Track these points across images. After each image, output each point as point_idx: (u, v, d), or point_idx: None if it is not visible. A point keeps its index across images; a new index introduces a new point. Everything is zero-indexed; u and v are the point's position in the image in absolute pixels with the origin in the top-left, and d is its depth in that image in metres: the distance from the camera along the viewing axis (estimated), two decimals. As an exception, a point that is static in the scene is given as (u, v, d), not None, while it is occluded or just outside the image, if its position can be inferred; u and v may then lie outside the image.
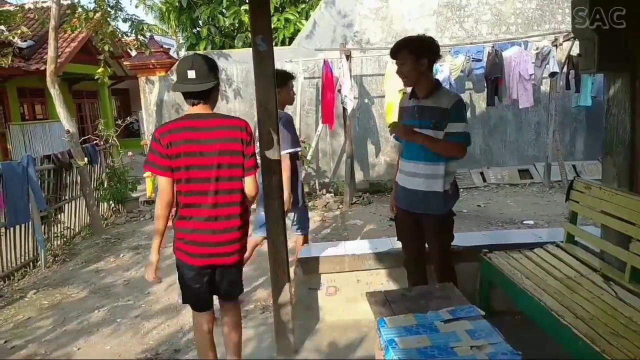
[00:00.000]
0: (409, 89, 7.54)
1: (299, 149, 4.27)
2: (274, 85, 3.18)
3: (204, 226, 2.71)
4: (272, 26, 9.69)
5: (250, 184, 2.78)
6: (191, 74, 2.69)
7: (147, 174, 8.89)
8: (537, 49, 7.80)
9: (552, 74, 7.81)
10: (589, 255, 3.27)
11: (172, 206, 2.78)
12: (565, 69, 7.96)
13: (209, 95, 2.78)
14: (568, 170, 8.47)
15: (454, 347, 2.19)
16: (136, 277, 5.33)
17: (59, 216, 6.86)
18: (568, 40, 7.55)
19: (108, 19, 8.28)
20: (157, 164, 2.68)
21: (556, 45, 7.69)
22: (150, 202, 8.83)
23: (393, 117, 7.78)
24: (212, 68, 2.77)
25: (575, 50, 7.42)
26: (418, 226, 3.30)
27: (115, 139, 8.82)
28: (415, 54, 3.08)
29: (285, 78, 4.32)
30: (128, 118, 9.57)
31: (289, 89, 4.38)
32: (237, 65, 8.87)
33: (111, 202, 8.24)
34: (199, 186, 2.67)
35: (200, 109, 2.77)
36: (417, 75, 3.13)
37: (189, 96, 2.75)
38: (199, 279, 2.86)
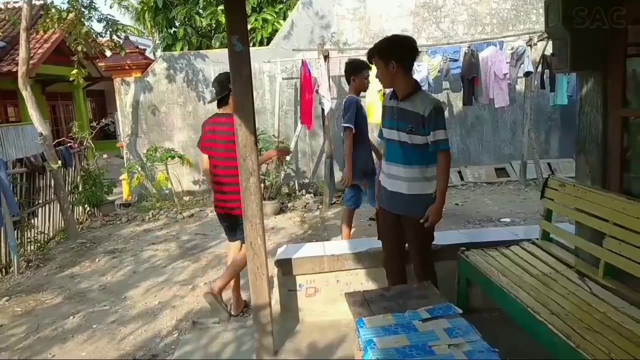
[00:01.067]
0: (387, 90, 7.57)
1: (352, 125, 4.68)
2: (251, 86, 3.15)
3: (218, 188, 4.00)
4: (250, 26, 9.67)
5: None
6: (213, 86, 4.13)
7: (123, 176, 8.78)
8: (512, 49, 7.93)
9: (527, 74, 7.93)
10: (564, 252, 3.32)
11: (210, 173, 4.08)
12: (539, 69, 8.08)
13: (222, 101, 4.02)
14: (543, 168, 8.61)
15: (432, 346, 2.20)
16: (112, 282, 5.25)
17: (33, 221, 6.72)
18: (542, 40, 7.67)
19: (82, 19, 8.15)
20: (201, 144, 4.08)
21: (531, 45, 7.82)
22: (127, 205, 8.71)
23: (374, 117, 7.82)
24: (221, 83, 3.98)
25: (550, 50, 7.54)
26: (399, 225, 3.33)
27: (90, 141, 8.68)
28: (384, 58, 3.07)
29: (361, 67, 4.89)
30: (103, 120, 9.42)
31: (363, 77, 4.89)
32: (214, 66, 8.80)
33: (86, 205, 8.10)
34: (215, 161, 3.98)
35: (221, 110, 4.03)
36: (390, 78, 3.13)
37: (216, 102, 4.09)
38: (222, 222, 4.18)
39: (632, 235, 2.59)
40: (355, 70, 4.90)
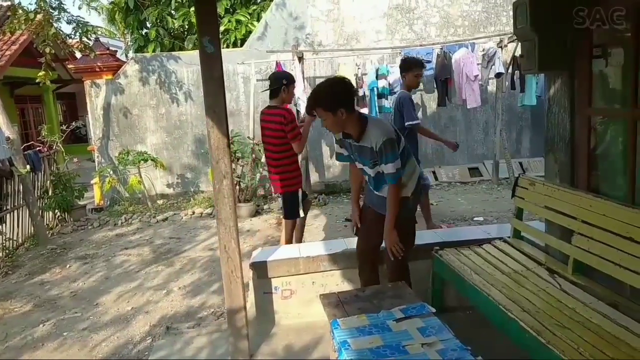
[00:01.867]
0: (361, 91, 7.61)
1: (417, 121, 5.29)
2: (223, 87, 3.12)
3: (269, 170, 4.76)
4: (223, 28, 9.61)
5: (294, 146, 4.45)
6: (269, 78, 4.73)
7: (95, 180, 8.63)
8: (483, 50, 8.03)
9: (498, 75, 8.05)
10: (535, 250, 3.38)
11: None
12: (510, 70, 8.21)
13: (273, 94, 4.54)
14: (515, 167, 8.75)
15: (406, 345, 2.21)
16: (84, 288, 5.15)
17: (0, 227, 6.55)
18: (512, 41, 7.79)
19: (50, 21, 7.98)
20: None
21: (501, 47, 7.94)
22: (99, 210, 8.56)
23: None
24: (276, 79, 4.59)
25: (520, 51, 7.68)
26: (379, 223, 3.32)
27: (60, 145, 8.51)
28: (331, 109, 2.98)
29: (412, 65, 5.28)
30: (73, 123, 9.26)
31: (413, 75, 5.25)
32: (187, 68, 8.72)
33: (57, 210, 7.93)
34: (266, 148, 4.66)
35: (271, 102, 4.58)
36: (341, 125, 3.09)
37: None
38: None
39: (599, 232, 2.66)
40: (406, 68, 5.32)
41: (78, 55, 10.37)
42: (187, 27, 10.21)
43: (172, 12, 10.08)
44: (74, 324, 4.31)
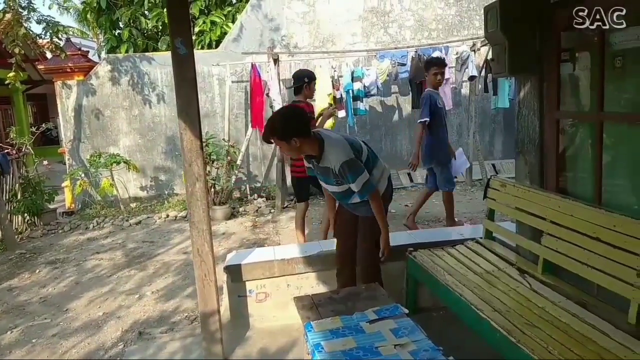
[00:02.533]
0: (337, 93, 7.77)
1: (426, 119, 5.57)
2: (196, 89, 3.10)
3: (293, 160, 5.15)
4: (198, 29, 9.55)
5: None
6: (293, 77, 5.26)
7: (66, 183, 8.46)
8: (457, 53, 8.14)
9: (471, 78, 8.17)
10: (506, 250, 3.44)
11: None
12: (483, 73, 8.34)
13: (297, 91, 5.11)
14: (488, 169, 8.89)
15: (379, 346, 2.22)
16: (53, 294, 5.05)
17: (-33, 231, 6.38)
18: (485, 45, 7.92)
19: (20, 21, 7.81)
20: None
21: (474, 50, 8.06)
22: (70, 213, 8.40)
23: (323, 121, 7.86)
24: (299, 77, 5.14)
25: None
26: (355, 223, 3.40)
27: (30, 147, 8.32)
28: (284, 139, 3.00)
29: (430, 65, 5.69)
30: (43, 125, 9.06)
31: (431, 74, 5.61)
32: (161, 69, 8.63)
33: (26, 214, 7.75)
34: None
35: (296, 98, 5.13)
36: (298, 151, 3.12)
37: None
38: (296, 186, 5.26)
39: (567, 233, 2.72)
40: (426, 68, 5.78)
41: (49, 55, 10.17)
42: (160, 27, 10.11)
43: (146, 12, 9.98)
44: (43, 330, 4.22)
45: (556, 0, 2.89)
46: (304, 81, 5.11)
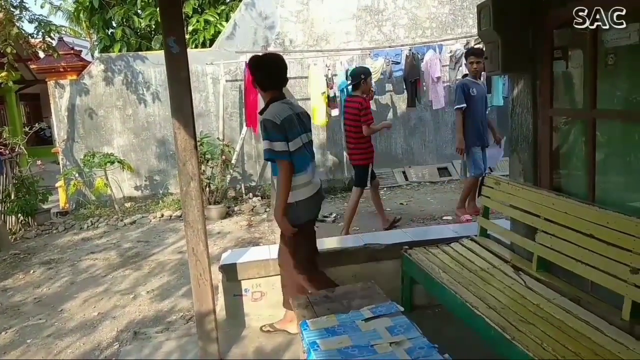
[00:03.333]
0: (331, 92, 7.99)
1: (462, 105, 6.05)
2: (189, 88, 3.09)
3: (348, 146, 5.98)
4: (192, 28, 9.51)
5: (363, 129, 5.63)
6: (351, 74, 6.11)
7: (59, 183, 8.42)
8: (450, 52, 8.15)
9: (465, 75, 8.16)
10: (501, 247, 3.45)
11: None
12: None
13: (355, 87, 5.83)
14: (483, 167, 8.87)
15: (374, 345, 2.23)
16: (48, 294, 5.03)
17: (-40, 232, 6.34)
18: (479, 43, 7.92)
19: (12, 20, 7.75)
20: None
21: (468, 48, 8.03)
22: (64, 213, 8.37)
23: (318, 119, 7.87)
24: (357, 74, 5.80)
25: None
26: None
27: (23, 147, 8.28)
28: (254, 78, 3.27)
29: (467, 54, 6.48)
30: (37, 125, 9.01)
31: (469, 62, 6.24)
32: (154, 68, 8.60)
33: (20, 214, 7.72)
34: (346, 127, 5.89)
35: (353, 93, 5.86)
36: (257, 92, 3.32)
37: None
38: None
39: (561, 230, 2.73)
40: (465, 57, 6.58)
41: (42, 55, 10.11)
42: (154, 26, 10.07)
43: (139, 11, 9.93)
44: (38, 331, 4.20)
45: (549, -1, 2.90)
46: (360, 77, 5.70)
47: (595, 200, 2.80)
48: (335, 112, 8.22)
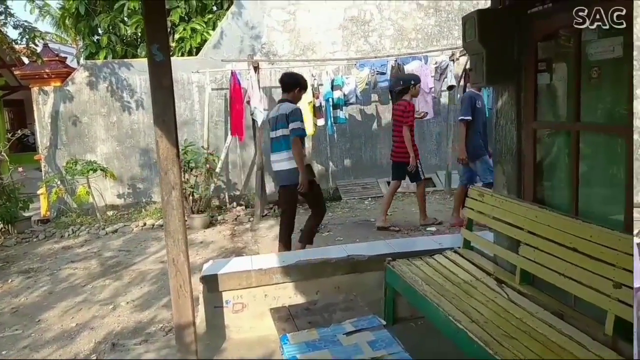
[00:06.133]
0: (317, 102, 8.20)
1: (468, 117, 6.19)
2: (172, 96, 3.03)
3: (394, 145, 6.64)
4: (178, 36, 9.44)
5: (403, 129, 6.27)
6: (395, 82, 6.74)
7: (41, 190, 8.26)
8: (436, 63, 8.17)
9: (450, 87, 8.20)
10: (484, 260, 3.41)
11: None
12: (462, 82, 8.37)
13: (404, 91, 6.40)
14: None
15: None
16: (26, 304, 4.89)
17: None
18: (464, 55, 7.96)
19: (-4, 26, 7.64)
20: None
21: (453, 60, 8.10)
22: (45, 221, 8.20)
23: (306, 129, 7.82)
24: (407, 80, 6.48)
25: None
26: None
27: (5, 154, 8.11)
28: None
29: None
30: (19, 131, 8.85)
31: None
32: (139, 75, 8.50)
33: (0, 222, 7.54)
34: (393, 128, 6.58)
35: (402, 97, 6.46)
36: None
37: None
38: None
39: (545, 243, 2.70)
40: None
41: (26, 61, 9.96)
42: (140, 34, 9.96)
43: (125, 19, 9.82)
44: (13, 342, 4.07)
45: (534, 11, 2.88)
46: (410, 83, 6.36)
47: (578, 213, 2.78)
48: (321, 122, 8.19)
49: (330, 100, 8.06)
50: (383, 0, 9.03)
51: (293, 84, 5.10)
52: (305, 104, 7.82)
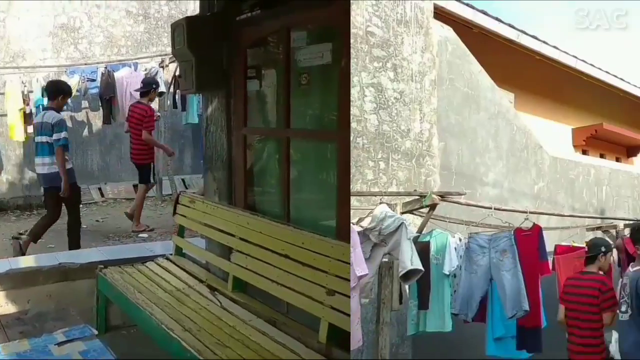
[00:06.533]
0: (27, 109, 6.78)
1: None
2: None
3: None
4: None
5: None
6: None
7: None
8: (145, 70, 7.69)
9: (160, 94, 7.72)
10: (197, 267, 3.15)
11: None
12: (172, 89, 8.00)
13: None
14: (178, 184, 8.60)
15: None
16: None
17: None
18: (174, 61, 7.57)
19: None
20: None
21: (163, 67, 7.73)
22: None
23: (16, 136, 7.18)
24: None
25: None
26: None
27: None
28: None
29: None
30: None
31: None
32: None
33: None
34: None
35: None
36: None
37: None
38: None
39: (257, 250, 2.53)
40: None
41: None
42: None
43: None
44: None
45: (242, 18, 2.69)
46: (152, 87, 6.19)
47: (290, 219, 2.67)
48: (31, 129, 6.84)
49: (41, 107, 6.92)
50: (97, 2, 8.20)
51: (56, 92, 4.93)
52: (16, 110, 7.14)
